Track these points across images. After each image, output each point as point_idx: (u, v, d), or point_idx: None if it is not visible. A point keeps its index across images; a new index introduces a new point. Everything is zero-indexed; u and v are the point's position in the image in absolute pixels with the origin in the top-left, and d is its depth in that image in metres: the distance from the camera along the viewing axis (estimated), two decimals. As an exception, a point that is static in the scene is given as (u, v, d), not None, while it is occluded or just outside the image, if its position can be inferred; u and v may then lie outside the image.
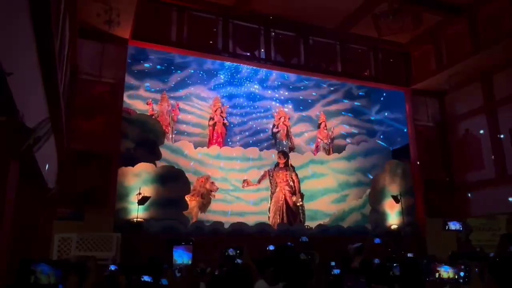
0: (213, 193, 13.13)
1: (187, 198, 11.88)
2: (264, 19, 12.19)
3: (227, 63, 15.29)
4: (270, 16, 12.13)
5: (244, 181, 14.09)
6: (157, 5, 11.14)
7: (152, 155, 11.87)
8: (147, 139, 11.88)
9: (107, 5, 8.88)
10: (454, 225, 12.30)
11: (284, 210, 12.85)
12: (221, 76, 16.26)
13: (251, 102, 16.69)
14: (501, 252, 4.77)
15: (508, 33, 10.50)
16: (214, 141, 15.11)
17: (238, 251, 5.16)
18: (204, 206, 12.95)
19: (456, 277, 3.39)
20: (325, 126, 16.44)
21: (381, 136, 16.32)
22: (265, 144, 16.16)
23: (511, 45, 10.71)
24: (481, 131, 12.49)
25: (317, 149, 16.25)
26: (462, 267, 3.44)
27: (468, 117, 13.01)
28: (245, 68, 16.02)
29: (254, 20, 12.18)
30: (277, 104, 16.75)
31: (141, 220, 10.30)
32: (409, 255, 9.08)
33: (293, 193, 13.12)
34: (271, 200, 13.38)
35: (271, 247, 9.95)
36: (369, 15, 11.70)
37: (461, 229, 12.22)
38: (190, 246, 5.70)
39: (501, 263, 3.13)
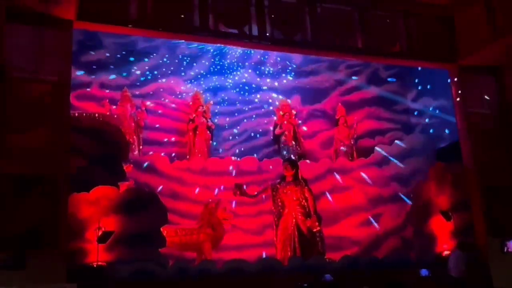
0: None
1: (164, 230, 11.87)
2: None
3: (208, 46, 15.36)
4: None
5: (236, 186, 13.65)
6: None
7: (113, 175, 11.90)
8: (105, 154, 11.91)
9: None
10: (515, 245, 12.37)
11: (296, 240, 12.82)
12: (201, 63, 16.35)
13: (244, 95, 16.81)
14: None
15: None
16: (196, 151, 15.16)
17: None
18: (217, 240, 13.13)
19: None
20: (346, 122, 16.54)
21: (422, 132, 16.43)
22: (266, 151, 16.25)
23: None
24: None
25: (336, 154, 16.33)
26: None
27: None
28: (233, 51, 16.11)
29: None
30: (279, 96, 16.88)
31: (103, 263, 10.32)
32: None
33: (307, 215, 13.13)
34: (277, 227, 13.37)
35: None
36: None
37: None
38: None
39: None
